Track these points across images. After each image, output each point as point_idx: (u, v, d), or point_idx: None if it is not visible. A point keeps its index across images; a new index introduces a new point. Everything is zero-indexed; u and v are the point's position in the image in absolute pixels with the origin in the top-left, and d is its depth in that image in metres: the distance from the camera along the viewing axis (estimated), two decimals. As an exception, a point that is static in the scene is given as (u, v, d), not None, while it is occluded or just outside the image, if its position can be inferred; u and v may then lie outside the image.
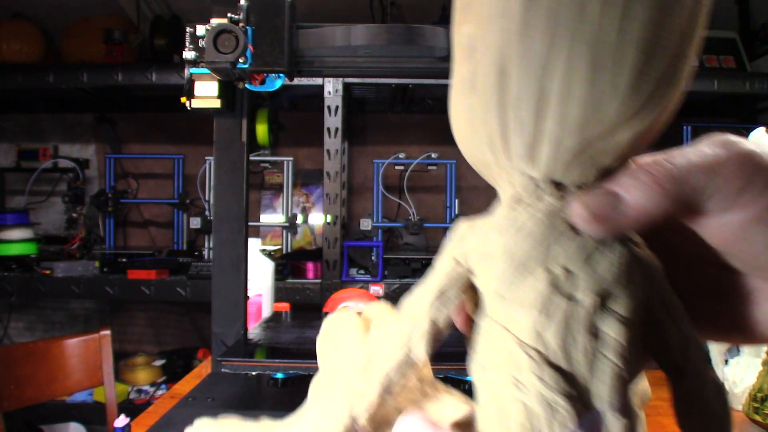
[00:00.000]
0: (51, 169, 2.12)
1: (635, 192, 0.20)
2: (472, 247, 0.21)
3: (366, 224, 1.82)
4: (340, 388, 0.22)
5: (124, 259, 1.87)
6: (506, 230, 0.20)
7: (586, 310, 0.19)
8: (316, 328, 1.03)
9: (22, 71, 1.83)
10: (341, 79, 1.74)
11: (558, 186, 0.21)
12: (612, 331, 0.19)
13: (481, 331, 0.21)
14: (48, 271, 1.79)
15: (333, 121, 1.76)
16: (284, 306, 1.17)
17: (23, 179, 2.14)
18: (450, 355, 0.65)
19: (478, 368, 0.21)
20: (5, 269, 1.81)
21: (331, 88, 1.76)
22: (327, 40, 0.70)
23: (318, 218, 2.18)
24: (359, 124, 2.29)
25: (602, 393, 0.19)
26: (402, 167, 2.00)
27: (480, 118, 0.21)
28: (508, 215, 0.21)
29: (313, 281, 1.81)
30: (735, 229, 0.21)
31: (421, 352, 0.21)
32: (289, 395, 0.76)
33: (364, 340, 0.26)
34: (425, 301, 0.21)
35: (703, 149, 0.21)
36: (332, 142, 1.76)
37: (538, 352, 0.19)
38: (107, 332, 1.29)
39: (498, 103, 0.20)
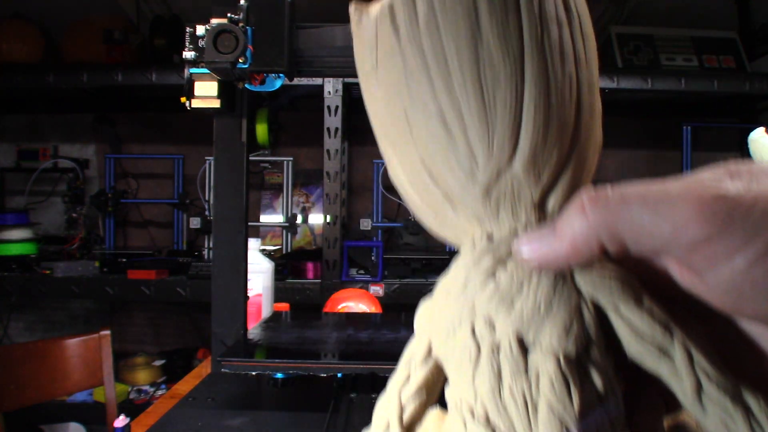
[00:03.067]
0: (51, 169, 2.12)
1: (565, 225, 0.18)
2: (426, 320, 0.22)
3: (366, 224, 1.81)
4: None
5: (124, 259, 1.87)
6: (440, 298, 0.22)
7: (509, 353, 0.19)
8: (316, 328, 1.03)
9: (22, 71, 1.83)
10: (341, 79, 1.74)
11: (490, 237, 0.21)
12: (542, 365, 0.19)
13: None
14: (48, 271, 1.79)
15: (333, 121, 1.76)
16: (284, 306, 1.17)
17: (23, 179, 2.14)
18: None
19: None
20: (5, 269, 1.81)
21: (331, 88, 1.76)
22: (327, 40, 0.70)
23: (318, 218, 2.18)
24: (359, 124, 2.29)
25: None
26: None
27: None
28: (443, 282, 0.22)
29: (312, 281, 1.81)
30: (712, 285, 0.17)
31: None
32: (288, 395, 0.77)
33: None
34: (395, 387, 0.22)
35: (672, 182, 0.17)
36: (332, 142, 1.76)
37: (471, 411, 0.19)
38: (107, 332, 1.29)
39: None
